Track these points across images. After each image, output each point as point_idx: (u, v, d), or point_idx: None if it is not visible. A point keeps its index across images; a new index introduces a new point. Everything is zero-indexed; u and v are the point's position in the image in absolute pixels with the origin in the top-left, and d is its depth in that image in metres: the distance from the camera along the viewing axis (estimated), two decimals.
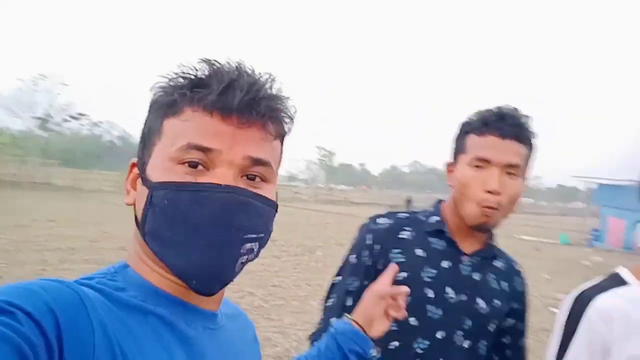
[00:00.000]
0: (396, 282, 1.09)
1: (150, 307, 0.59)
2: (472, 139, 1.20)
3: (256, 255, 0.64)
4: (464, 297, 1.21)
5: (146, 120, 0.66)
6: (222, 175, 0.59)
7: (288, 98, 0.64)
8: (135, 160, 0.66)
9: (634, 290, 1.08)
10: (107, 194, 29.43)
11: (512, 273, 1.33)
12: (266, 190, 0.63)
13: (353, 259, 1.27)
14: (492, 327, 1.24)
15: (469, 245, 1.25)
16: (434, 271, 1.20)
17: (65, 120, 52.06)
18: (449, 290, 1.20)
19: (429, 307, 1.18)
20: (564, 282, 9.56)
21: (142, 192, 0.62)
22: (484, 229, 1.20)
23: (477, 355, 1.22)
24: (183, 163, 0.59)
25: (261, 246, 0.64)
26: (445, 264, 1.22)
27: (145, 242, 0.61)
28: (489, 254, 1.28)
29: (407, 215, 1.32)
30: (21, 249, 8.52)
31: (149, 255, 0.62)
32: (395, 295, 1.00)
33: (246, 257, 0.62)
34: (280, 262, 9.70)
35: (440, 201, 1.35)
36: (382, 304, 1.00)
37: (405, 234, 1.25)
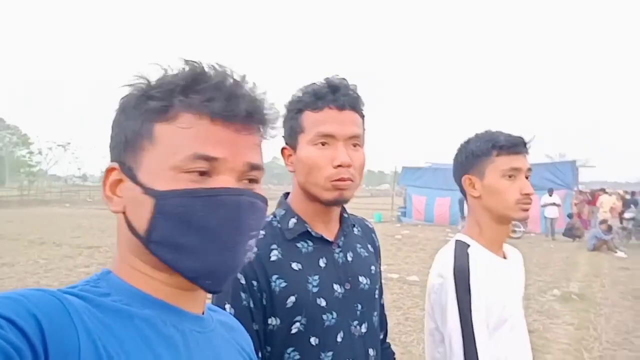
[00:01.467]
0: (287, 310, 1.09)
1: (134, 310, 0.59)
2: (309, 116, 1.15)
3: (252, 249, 0.66)
4: (348, 286, 1.19)
5: (122, 123, 0.63)
6: (226, 181, 0.61)
7: (274, 103, 0.67)
8: (114, 165, 0.63)
9: (475, 248, 1.40)
10: None
11: (368, 233, 1.38)
12: (258, 190, 0.67)
13: (229, 309, 1.08)
14: (376, 294, 1.28)
15: (331, 230, 1.23)
16: (317, 277, 1.15)
17: None
18: (336, 287, 1.17)
19: (325, 317, 1.13)
20: (383, 254, 10.62)
21: (141, 200, 0.60)
22: (341, 203, 1.17)
23: (374, 330, 1.24)
24: (188, 172, 0.60)
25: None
26: (322, 263, 1.18)
27: (149, 249, 0.61)
28: (349, 228, 1.29)
29: (264, 231, 1.18)
30: None
31: (145, 260, 0.62)
32: None
33: (248, 252, 0.65)
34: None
35: (285, 195, 1.29)
36: None
37: (274, 255, 1.14)
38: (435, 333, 1.39)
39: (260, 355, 1.08)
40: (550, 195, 15.63)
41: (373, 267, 1.29)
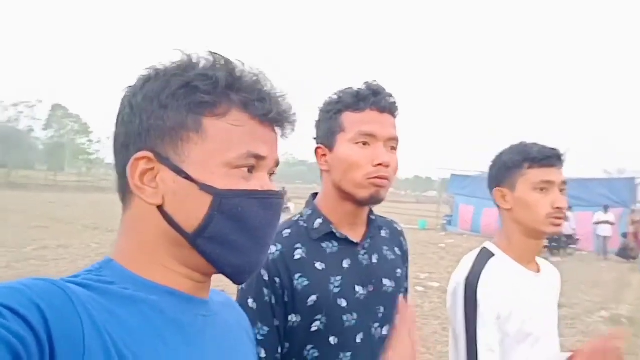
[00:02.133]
0: (309, 308, 1.12)
1: (141, 296, 0.59)
2: (350, 117, 1.18)
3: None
4: (371, 288, 1.20)
5: (155, 111, 0.61)
6: (264, 178, 0.65)
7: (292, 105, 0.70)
8: (146, 153, 0.61)
9: (499, 259, 1.40)
10: None
11: (396, 235, 1.39)
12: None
13: (252, 303, 1.11)
14: (399, 297, 1.25)
15: (358, 232, 1.25)
16: (339, 277, 1.17)
17: None
18: (358, 289, 1.18)
19: (345, 318, 1.14)
20: (424, 262, 10.59)
21: (195, 196, 0.60)
22: (375, 202, 1.19)
23: None
24: (238, 168, 0.62)
25: None
26: (345, 264, 1.19)
27: (194, 244, 0.61)
28: (376, 230, 1.30)
29: (290, 230, 1.21)
30: None
31: (175, 254, 0.63)
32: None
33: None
34: None
35: (314, 195, 1.31)
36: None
37: (298, 254, 1.16)
38: (452, 342, 1.41)
39: (279, 350, 1.13)
40: (605, 213, 14.95)
41: (399, 270, 1.30)
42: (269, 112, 0.64)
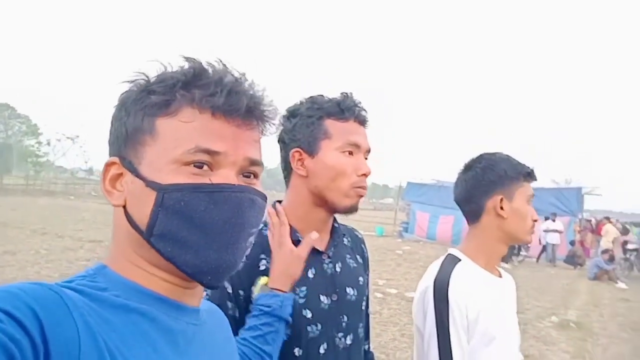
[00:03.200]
0: None
1: (133, 305, 0.59)
2: (335, 125, 1.19)
3: (251, 246, 0.68)
4: (335, 297, 1.20)
5: (122, 118, 0.64)
6: (227, 175, 0.62)
7: (273, 100, 0.68)
8: (114, 159, 0.64)
9: (466, 263, 1.44)
10: None
11: (358, 243, 1.40)
12: (258, 186, 0.68)
13: None
14: (363, 305, 1.30)
15: (323, 241, 1.24)
16: (304, 288, 1.16)
17: None
18: (322, 298, 1.18)
19: (309, 329, 1.14)
20: (382, 269, 10.70)
21: (143, 194, 0.61)
22: (354, 210, 1.22)
23: (359, 341, 1.25)
24: (188, 164, 0.61)
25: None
26: (310, 273, 1.18)
27: (150, 243, 0.61)
28: (339, 238, 1.31)
29: (252, 241, 1.19)
30: None
31: (144, 256, 0.62)
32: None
33: (248, 249, 0.67)
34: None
35: (277, 203, 1.27)
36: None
37: (263, 265, 1.14)
38: (419, 344, 1.42)
39: None
40: (554, 221, 15.56)
41: (361, 278, 1.30)
42: (222, 105, 0.62)
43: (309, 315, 1.14)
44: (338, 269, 1.24)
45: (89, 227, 14.36)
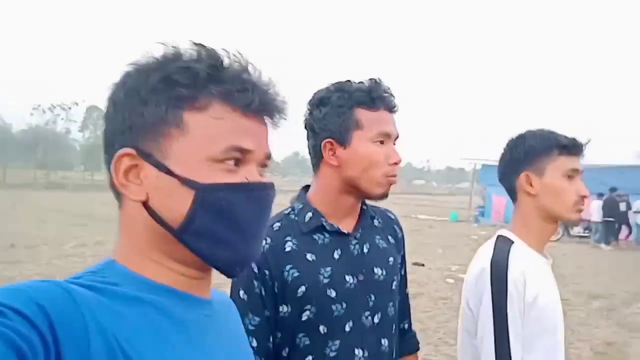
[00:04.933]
0: (298, 299, 1.16)
1: (145, 297, 0.59)
2: (365, 114, 1.20)
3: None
4: (361, 277, 1.23)
5: (136, 107, 0.60)
6: (252, 171, 0.64)
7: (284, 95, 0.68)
8: (129, 150, 0.60)
9: (519, 245, 1.39)
10: None
11: (390, 224, 1.41)
12: (266, 176, 0.69)
13: (243, 295, 1.17)
14: (394, 285, 1.30)
15: (349, 223, 1.28)
16: (329, 268, 1.19)
17: None
18: (348, 278, 1.21)
19: (334, 307, 1.17)
20: (456, 255, 10.46)
21: (178, 192, 0.60)
22: (385, 197, 1.25)
23: (389, 320, 1.27)
24: (221, 162, 0.61)
25: None
26: (336, 254, 1.22)
27: (181, 239, 0.60)
28: (368, 220, 1.32)
29: (280, 223, 1.25)
30: None
31: (166, 250, 0.62)
32: None
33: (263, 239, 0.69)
34: None
35: (305, 188, 1.33)
36: None
37: (289, 246, 1.20)
38: (470, 327, 1.39)
39: (271, 340, 1.18)
40: None
41: (391, 259, 1.32)
42: (251, 103, 0.62)
43: (333, 294, 1.18)
44: (365, 250, 1.27)
45: None
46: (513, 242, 1.40)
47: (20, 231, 11.56)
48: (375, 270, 1.26)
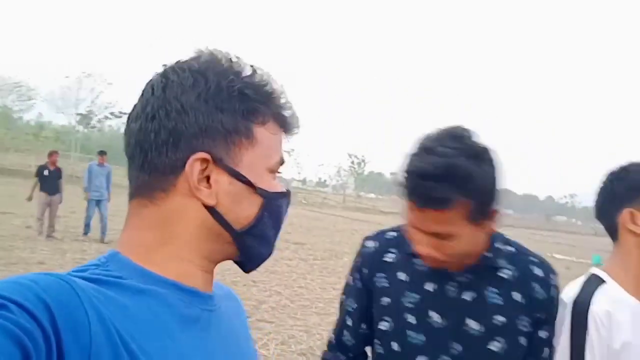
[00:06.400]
0: (381, 307, 1.19)
1: (148, 290, 0.59)
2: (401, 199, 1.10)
3: None
4: (446, 322, 1.14)
5: (211, 113, 0.62)
6: (282, 180, 0.74)
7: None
8: (205, 155, 0.62)
9: (612, 287, 1.25)
10: None
11: (527, 280, 1.17)
12: None
13: (350, 280, 1.30)
14: (496, 346, 1.13)
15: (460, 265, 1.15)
16: (417, 296, 1.15)
17: (107, 118, 54.62)
18: (432, 314, 1.14)
19: (410, 333, 1.14)
20: None
21: (249, 198, 0.65)
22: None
23: None
24: (273, 172, 0.69)
25: None
26: (429, 286, 1.16)
27: (240, 240, 0.65)
28: (486, 268, 1.16)
29: (394, 235, 1.25)
30: None
31: (206, 248, 0.65)
32: None
33: None
34: (307, 265, 9.84)
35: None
36: None
37: (389, 257, 1.22)
38: None
39: (364, 326, 1.25)
40: None
41: (501, 318, 1.14)
42: (292, 124, 0.71)
43: (412, 320, 1.16)
44: (465, 297, 1.15)
45: (295, 231, 15.77)
46: (604, 282, 1.26)
47: None
48: (468, 321, 1.14)
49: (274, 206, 0.68)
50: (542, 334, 1.17)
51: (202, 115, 0.62)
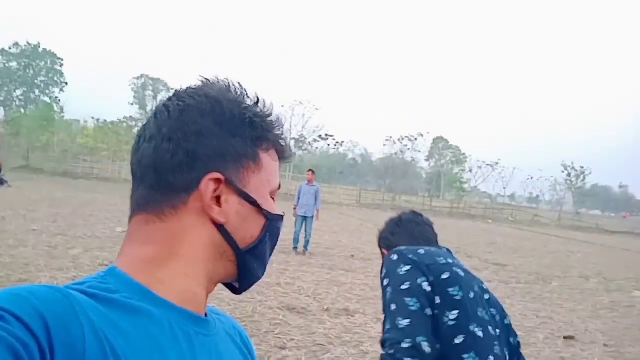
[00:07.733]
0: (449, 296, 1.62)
1: (143, 308, 0.59)
2: None
3: None
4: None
5: (224, 137, 0.66)
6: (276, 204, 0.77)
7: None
8: (219, 175, 0.65)
9: None
10: (345, 206, 32.48)
11: None
12: None
13: (423, 282, 1.64)
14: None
15: None
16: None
17: (315, 141, 60.51)
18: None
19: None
20: None
21: (255, 218, 0.69)
22: None
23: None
24: (272, 196, 0.74)
25: None
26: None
27: (243, 259, 0.69)
28: None
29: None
30: None
31: (211, 265, 0.67)
32: None
33: None
34: (507, 288, 9.03)
35: None
36: None
37: (442, 261, 1.73)
38: None
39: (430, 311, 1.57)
40: None
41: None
42: (289, 153, 0.77)
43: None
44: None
45: (498, 251, 14.81)
46: None
47: (358, 246, 13.22)
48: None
49: (274, 228, 0.72)
50: None
51: (217, 139, 0.66)
